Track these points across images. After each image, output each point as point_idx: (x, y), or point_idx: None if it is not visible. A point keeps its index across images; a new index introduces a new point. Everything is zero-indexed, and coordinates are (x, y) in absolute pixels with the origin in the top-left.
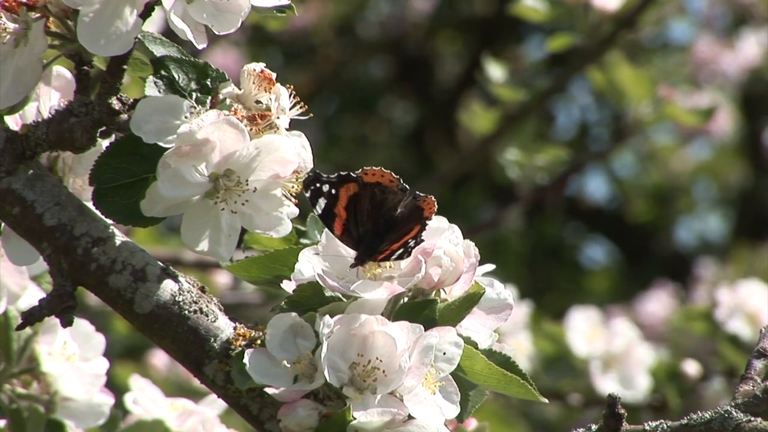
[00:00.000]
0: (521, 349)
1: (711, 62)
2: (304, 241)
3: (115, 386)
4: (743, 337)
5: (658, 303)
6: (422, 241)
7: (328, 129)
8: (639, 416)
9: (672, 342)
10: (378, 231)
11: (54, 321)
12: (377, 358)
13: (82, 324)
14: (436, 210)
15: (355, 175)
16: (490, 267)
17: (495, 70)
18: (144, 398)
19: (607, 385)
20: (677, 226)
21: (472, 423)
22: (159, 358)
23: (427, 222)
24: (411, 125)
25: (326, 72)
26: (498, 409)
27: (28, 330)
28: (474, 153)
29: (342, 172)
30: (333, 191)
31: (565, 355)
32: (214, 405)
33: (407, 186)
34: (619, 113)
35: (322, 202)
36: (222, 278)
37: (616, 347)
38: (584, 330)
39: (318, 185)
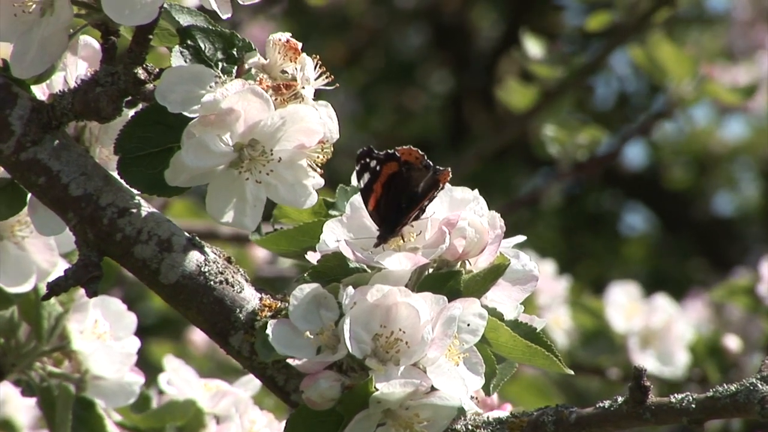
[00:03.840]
0: (560, 323)
1: (749, 31)
2: (333, 212)
3: (150, 363)
4: None
5: None
6: (435, 197)
7: (365, 98)
8: (682, 390)
9: None
10: (400, 207)
11: (85, 299)
12: (400, 330)
13: (113, 302)
14: (450, 177)
15: (398, 155)
16: (520, 239)
17: (532, 46)
18: (178, 378)
19: (645, 361)
20: (715, 196)
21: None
22: (198, 334)
23: (442, 187)
24: (448, 93)
25: (363, 41)
26: (535, 380)
27: (58, 308)
28: (511, 128)
29: (389, 150)
30: (378, 167)
31: (603, 331)
32: (249, 386)
33: (431, 163)
34: (658, 86)
35: (366, 177)
36: (260, 252)
37: (655, 323)
38: (623, 305)
39: (368, 160)
